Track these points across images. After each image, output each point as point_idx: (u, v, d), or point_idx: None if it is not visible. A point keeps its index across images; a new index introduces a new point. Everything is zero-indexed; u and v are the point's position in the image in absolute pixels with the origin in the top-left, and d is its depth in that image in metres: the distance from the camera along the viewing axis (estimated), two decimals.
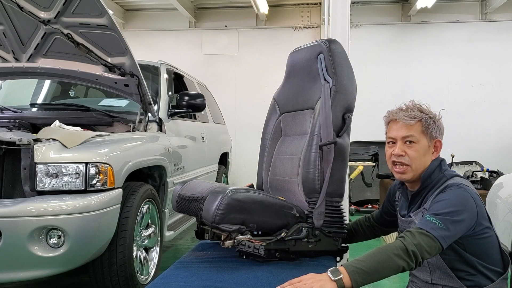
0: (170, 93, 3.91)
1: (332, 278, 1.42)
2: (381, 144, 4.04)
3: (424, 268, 1.68)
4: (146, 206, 2.93)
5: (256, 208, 1.82)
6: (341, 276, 1.42)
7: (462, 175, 4.76)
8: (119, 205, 2.57)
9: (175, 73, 4.32)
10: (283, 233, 1.86)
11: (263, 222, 1.85)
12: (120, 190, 2.59)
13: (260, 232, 1.88)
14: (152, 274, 3.01)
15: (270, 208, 1.87)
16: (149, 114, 3.32)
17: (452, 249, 1.56)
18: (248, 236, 1.81)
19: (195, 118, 4.50)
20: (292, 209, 1.92)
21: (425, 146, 1.68)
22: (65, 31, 2.98)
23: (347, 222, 2.07)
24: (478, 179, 4.07)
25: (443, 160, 1.73)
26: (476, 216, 1.55)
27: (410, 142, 1.68)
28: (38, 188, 2.35)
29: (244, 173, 6.94)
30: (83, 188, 2.39)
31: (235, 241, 1.79)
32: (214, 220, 1.75)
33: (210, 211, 1.76)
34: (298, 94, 2.20)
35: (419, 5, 7.05)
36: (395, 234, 4.56)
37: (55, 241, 2.29)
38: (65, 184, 2.38)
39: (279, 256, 1.88)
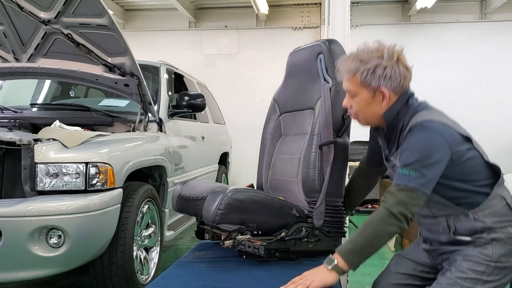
0: (170, 93, 3.91)
1: (328, 267, 1.47)
2: None
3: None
4: (146, 206, 2.93)
5: (256, 208, 1.82)
6: (335, 263, 1.47)
7: None
8: (119, 205, 2.57)
9: (175, 73, 4.32)
10: (283, 233, 1.86)
11: (263, 222, 1.85)
12: (120, 190, 2.59)
13: (260, 232, 1.88)
14: (152, 274, 3.01)
15: (270, 208, 1.87)
16: (149, 114, 3.33)
17: (439, 183, 1.53)
18: (248, 236, 1.81)
19: (195, 118, 4.51)
20: (292, 209, 1.92)
21: (367, 98, 1.64)
22: (65, 31, 2.98)
23: (347, 222, 2.07)
24: None
25: (410, 96, 1.66)
26: (449, 149, 1.50)
27: (352, 95, 1.67)
28: (39, 188, 2.36)
29: (244, 173, 6.94)
30: (83, 188, 2.39)
31: (235, 241, 1.79)
32: (214, 220, 1.75)
33: (210, 211, 1.77)
34: (298, 94, 2.20)
35: (419, 5, 7.05)
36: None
37: (55, 241, 2.29)
38: (65, 184, 2.38)
39: (279, 256, 1.88)
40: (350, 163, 2.48)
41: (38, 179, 2.36)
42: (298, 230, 1.89)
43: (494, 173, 1.60)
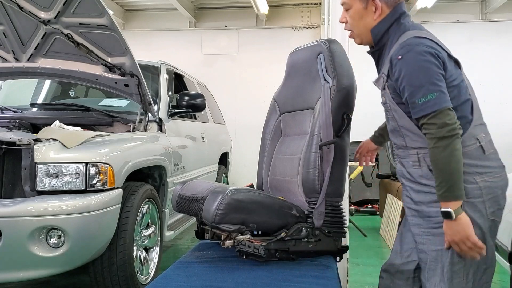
0: (170, 93, 3.91)
1: (453, 219, 1.45)
2: None
3: (397, 133, 1.65)
4: (146, 206, 2.93)
5: (256, 208, 1.82)
6: (453, 211, 1.44)
7: None
8: (119, 205, 2.57)
9: (175, 73, 4.32)
10: (283, 233, 1.86)
11: (263, 222, 1.85)
12: (120, 190, 2.59)
13: (260, 232, 1.88)
14: (152, 274, 3.01)
15: (270, 208, 1.87)
16: (149, 114, 3.32)
17: None
18: (248, 236, 1.81)
19: (195, 118, 4.50)
20: (292, 209, 1.92)
21: (359, 10, 1.66)
22: (65, 31, 2.98)
23: (347, 222, 2.07)
24: None
25: (403, 14, 1.64)
26: (440, 62, 1.49)
27: (347, 9, 1.69)
28: (38, 188, 2.36)
29: (244, 173, 6.94)
30: (83, 188, 2.39)
31: (235, 241, 1.79)
32: (214, 220, 1.75)
33: (210, 211, 1.77)
34: (298, 94, 2.20)
35: (419, 5, 7.05)
36: (394, 232, 4.55)
37: (55, 241, 2.29)
38: (65, 184, 2.38)
39: (279, 256, 1.88)
40: (350, 163, 2.47)
41: (38, 179, 2.36)
42: (298, 230, 1.89)
43: (472, 110, 1.56)
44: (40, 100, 4.03)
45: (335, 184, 1.94)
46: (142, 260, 2.91)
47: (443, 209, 1.47)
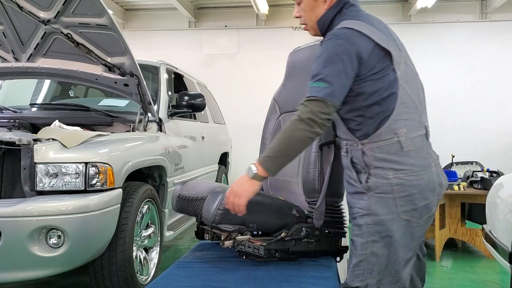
0: (170, 93, 3.91)
1: (250, 176, 1.56)
2: None
3: (335, 124, 1.71)
4: (146, 206, 2.93)
5: (256, 208, 1.81)
6: (256, 172, 1.55)
7: (461, 174, 4.66)
8: (119, 205, 2.56)
9: (175, 73, 4.31)
10: (283, 233, 1.86)
11: (263, 222, 1.85)
12: (120, 190, 2.58)
13: (260, 232, 1.88)
14: (152, 274, 3.00)
15: (270, 208, 1.87)
16: (149, 114, 3.32)
17: (344, 101, 1.54)
18: (248, 236, 1.81)
19: (195, 118, 4.50)
20: (292, 209, 1.92)
21: (310, 2, 1.67)
22: (65, 31, 2.97)
23: (347, 222, 2.06)
24: (478, 179, 4.05)
25: (346, 3, 1.65)
26: (355, 57, 1.48)
27: (298, 3, 1.71)
28: (38, 188, 2.35)
29: (244, 173, 6.93)
30: (83, 188, 2.39)
31: (235, 241, 1.79)
32: (214, 220, 1.75)
33: (210, 211, 1.76)
34: (298, 94, 2.19)
35: (419, 5, 7.05)
36: None
37: (55, 241, 2.29)
38: (65, 184, 2.38)
39: (279, 256, 1.88)
40: None
41: (37, 179, 2.35)
42: (298, 230, 1.89)
43: (395, 106, 1.54)
44: (39, 100, 4.02)
45: (335, 184, 1.94)
46: (142, 260, 2.91)
47: (251, 165, 1.57)
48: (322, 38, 1.72)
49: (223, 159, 5.56)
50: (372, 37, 1.53)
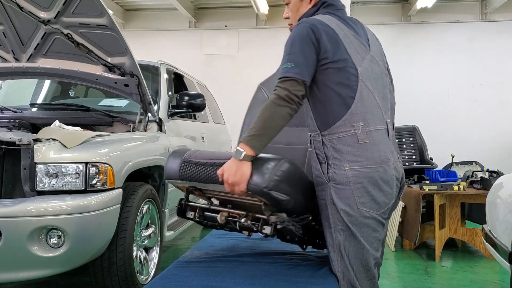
0: (170, 93, 3.91)
1: (240, 159, 1.55)
2: None
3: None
4: (146, 206, 2.93)
5: (300, 183, 1.70)
6: (244, 153, 1.55)
7: (461, 174, 4.65)
8: (119, 205, 2.56)
9: (175, 73, 4.32)
10: (310, 217, 1.75)
11: (298, 201, 1.70)
12: (120, 190, 2.58)
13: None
14: (152, 274, 3.00)
15: (307, 188, 1.75)
16: (149, 114, 3.32)
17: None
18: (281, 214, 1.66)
19: (195, 118, 4.50)
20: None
21: (296, 2, 1.79)
22: (65, 31, 2.98)
23: None
24: (478, 179, 4.06)
25: (323, 3, 1.75)
26: (314, 38, 1.59)
27: (287, 4, 1.83)
28: (38, 188, 2.35)
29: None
30: (83, 188, 2.39)
31: (278, 217, 1.64)
32: (268, 185, 1.58)
33: (265, 174, 1.58)
34: None
35: (419, 5, 7.06)
36: (394, 232, 4.54)
37: (55, 241, 2.29)
38: (65, 184, 2.38)
39: (289, 238, 1.83)
40: None
41: (37, 179, 2.35)
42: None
43: (354, 100, 1.62)
44: (40, 100, 4.03)
45: None
46: (142, 260, 2.91)
47: (238, 148, 1.57)
48: None
49: None
50: (335, 29, 1.63)
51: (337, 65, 1.61)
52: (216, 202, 1.92)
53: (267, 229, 1.68)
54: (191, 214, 1.98)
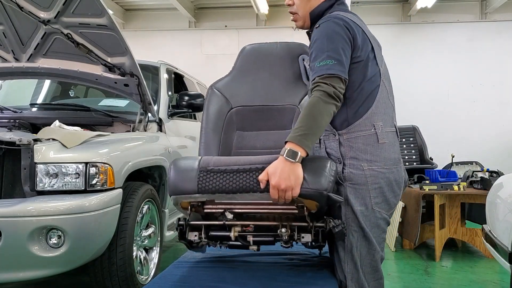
0: (170, 93, 3.91)
1: (295, 161, 1.44)
2: None
3: None
4: (146, 206, 2.93)
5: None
6: (300, 154, 1.44)
7: (461, 174, 4.65)
8: (119, 205, 2.56)
9: (175, 73, 4.32)
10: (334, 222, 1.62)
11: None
12: (120, 190, 2.58)
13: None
14: (152, 274, 3.00)
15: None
16: (149, 114, 3.32)
17: None
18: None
19: (195, 118, 4.50)
20: None
21: None
22: (65, 31, 2.98)
23: None
24: (478, 179, 4.06)
25: (338, 0, 1.73)
26: (349, 35, 1.57)
27: None
28: (38, 188, 2.35)
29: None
30: (83, 188, 2.39)
31: (335, 222, 1.54)
32: (327, 188, 1.48)
33: (321, 176, 1.48)
34: (253, 89, 2.15)
35: (419, 5, 7.06)
36: (394, 232, 4.54)
37: (55, 241, 2.29)
38: (65, 184, 2.38)
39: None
40: None
41: (37, 179, 2.35)
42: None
43: (375, 100, 1.61)
44: (39, 100, 4.03)
45: None
46: (142, 260, 2.91)
47: (292, 148, 1.44)
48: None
49: None
50: (363, 28, 1.63)
51: (365, 63, 1.61)
52: (229, 216, 1.65)
53: (307, 237, 1.57)
54: (195, 235, 1.69)
